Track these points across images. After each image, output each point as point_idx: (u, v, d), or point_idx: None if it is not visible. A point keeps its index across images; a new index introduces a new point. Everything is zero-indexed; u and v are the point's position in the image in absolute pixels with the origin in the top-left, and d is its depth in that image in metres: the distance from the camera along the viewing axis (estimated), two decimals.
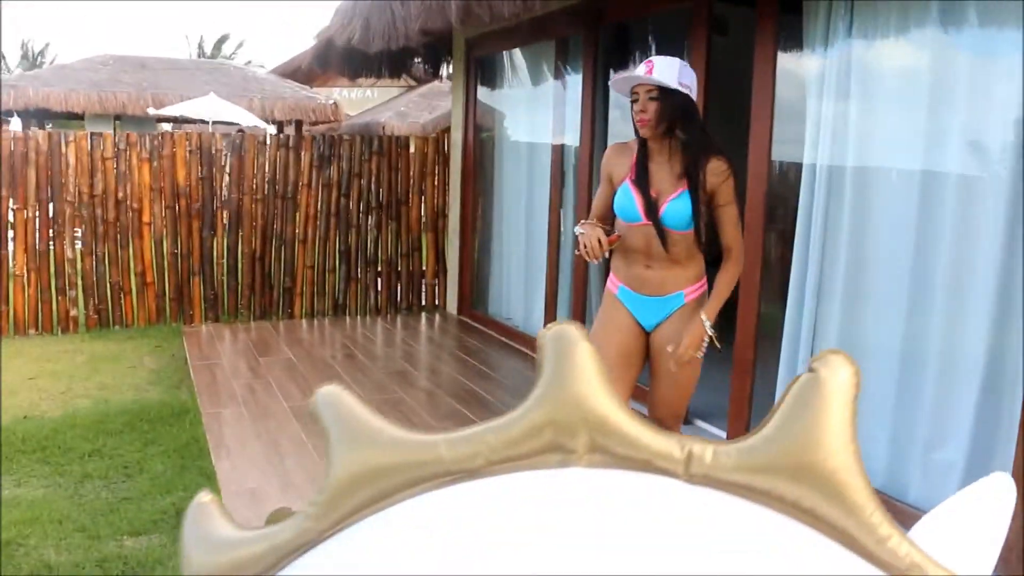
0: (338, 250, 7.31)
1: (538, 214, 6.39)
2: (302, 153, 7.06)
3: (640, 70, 2.96)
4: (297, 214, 7.12)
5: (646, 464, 0.54)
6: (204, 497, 0.74)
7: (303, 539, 0.64)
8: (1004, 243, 3.18)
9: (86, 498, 3.92)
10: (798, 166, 4.06)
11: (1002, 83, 3.23)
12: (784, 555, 0.52)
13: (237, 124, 13.98)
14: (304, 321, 7.26)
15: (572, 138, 5.79)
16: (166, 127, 17.67)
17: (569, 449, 0.57)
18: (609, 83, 3.28)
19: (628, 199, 3.04)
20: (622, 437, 0.55)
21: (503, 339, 6.72)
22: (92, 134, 6.70)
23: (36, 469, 4.24)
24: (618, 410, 0.55)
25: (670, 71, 2.93)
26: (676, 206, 2.98)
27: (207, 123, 13.90)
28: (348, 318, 7.40)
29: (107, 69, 15.01)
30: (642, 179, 3.02)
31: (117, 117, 15.26)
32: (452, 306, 7.57)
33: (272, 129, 16.07)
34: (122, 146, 6.69)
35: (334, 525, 0.64)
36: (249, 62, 27.65)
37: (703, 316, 2.99)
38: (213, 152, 6.87)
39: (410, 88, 21.78)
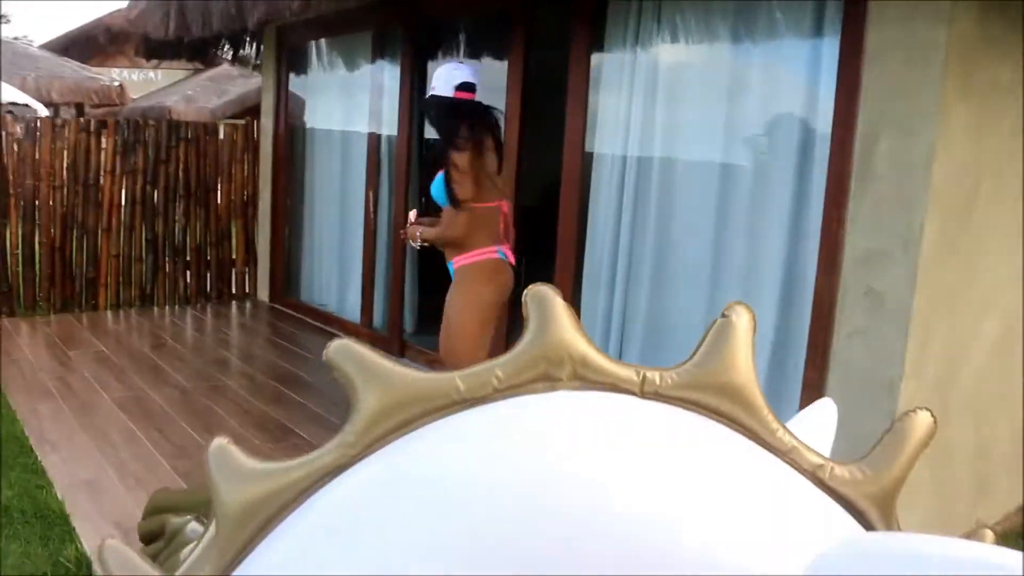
0: (144, 239, 7.12)
1: (353, 202, 6.53)
2: (104, 138, 6.82)
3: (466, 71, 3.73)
4: (100, 202, 6.86)
5: (613, 386, 0.84)
6: (223, 440, 0.94)
7: (339, 462, 0.88)
8: (788, 226, 3.76)
9: None
10: (609, 156, 4.50)
11: (783, 83, 3.80)
12: (708, 445, 0.82)
13: (14, 104, 12.98)
14: (110, 312, 7.03)
15: (389, 128, 5.99)
16: None
17: (556, 377, 0.85)
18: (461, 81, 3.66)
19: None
20: (595, 367, 0.84)
21: (318, 324, 6.83)
22: None
23: None
24: (590, 348, 0.83)
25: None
26: (436, 184, 3.67)
27: None
28: (157, 308, 7.23)
29: None
30: None
31: None
32: (264, 294, 7.57)
33: (44, 112, 15.02)
34: None
35: (366, 449, 0.88)
36: (17, 38, 25.45)
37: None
38: (4, 135, 6.50)
39: (197, 71, 20.89)
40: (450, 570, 0.76)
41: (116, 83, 15.29)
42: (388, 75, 6.01)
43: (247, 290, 7.64)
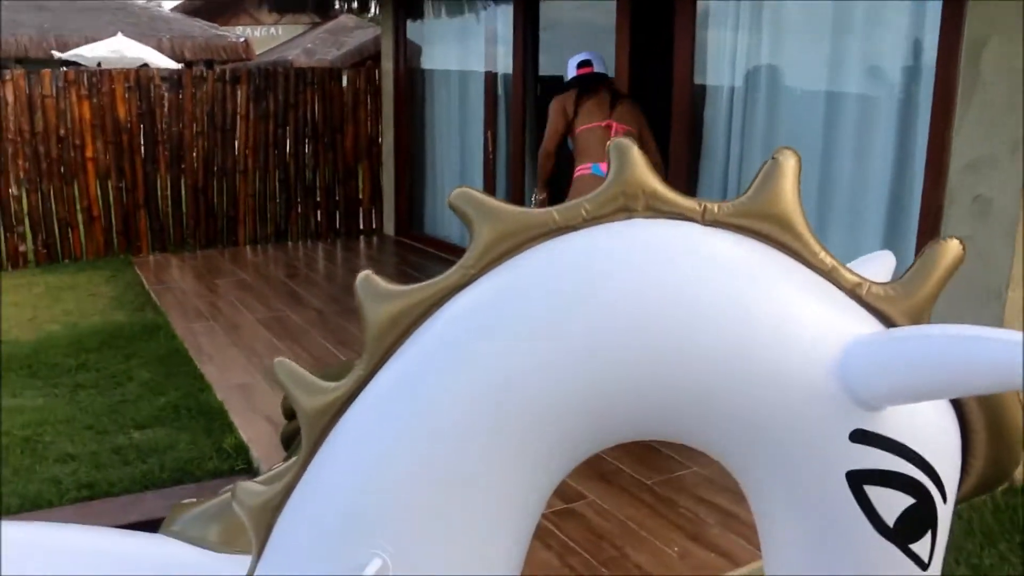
0: (278, 179, 7.61)
1: (472, 138, 6.82)
2: (239, 87, 7.30)
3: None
4: (236, 145, 7.37)
5: (679, 215, 1.04)
6: (368, 272, 1.18)
7: (461, 282, 1.10)
8: (895, 138, 3.84)
9: (83, 403, 4.28)
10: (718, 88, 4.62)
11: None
12: (759, 258, 1.01)
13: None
14: (248, 248, 7.57)
15: (504, 67, 6.22)
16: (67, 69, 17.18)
17: (632, 209, 1.06)
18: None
19: None
20: (664, 200, 1.04)
21: (442, 254, 7.18)
22: (29, 72, 6.80)
23: (28, 383, 4.57)
24: (660, 184, 1.04)
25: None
26: None
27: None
28: (290, 243, 7.74)
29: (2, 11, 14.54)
30: None
31: (18, 61, 14.85)
32: (390, 228, 7.98)
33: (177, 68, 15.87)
34: (60, 84, 6.82)
35: (481, 270, 1.10)
36: (148, 2, 26.72)
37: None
38: (152, 88, 7.05)
39: (315, 25, 21.55)
40: (553, 354, 0.99)
41: (242, 39, 16.02)
42: (501, 17, 6.23)
43: (374, 225, 8.07)
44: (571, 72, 4.55)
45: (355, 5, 9.59)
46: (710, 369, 0.95)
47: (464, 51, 6.87)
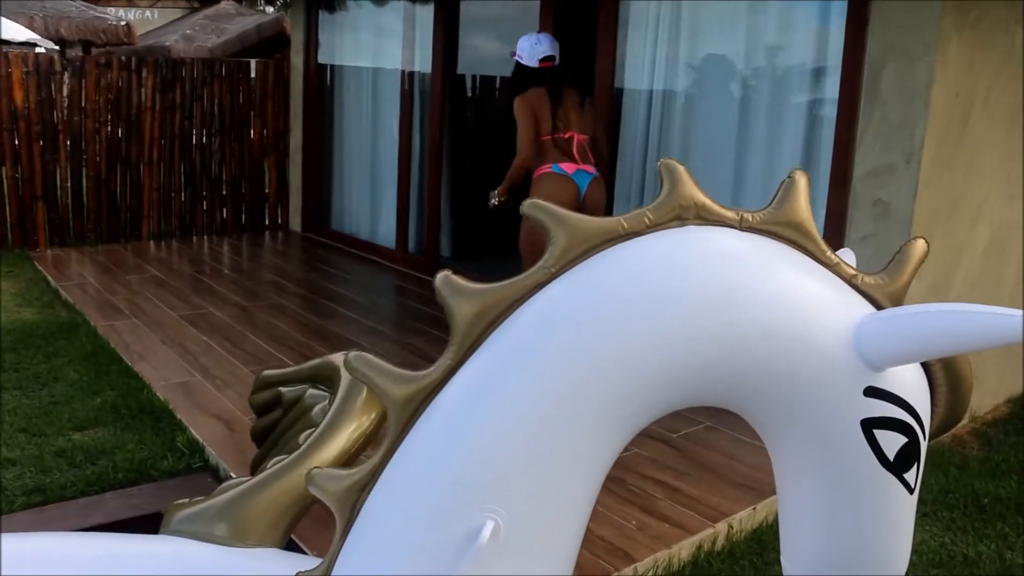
0: (183, 172, 7.51)
1: (383, 135, 6.94)
2: (144, 76, 7.16)
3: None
4: (142, 136, 7.23)
5: (721, 222, 1.27)
6: (448, 272, 1.37)
7: (541, 280, 1.31)
8: (802, 147, 4.21)
9: (9, 405, 4.19)
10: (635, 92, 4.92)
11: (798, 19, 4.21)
12: (784, 255, 1.25)
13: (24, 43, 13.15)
14: (152, 243, 7.44)
15: (422, 65, 6.36)
16: None
17: (685, 218, 1.28)
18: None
19: None
20: (710, 211, 1.28)
21: (351, 250, 7.28)
22: None
23: None
24: (706, 198, 1.27)
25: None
26: None
27: None
28: (195, 238, 7.65)
29: None
30: None
31: None
32: (296, 224, 7.99)
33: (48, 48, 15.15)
34: None
35: (559, 271, 1.31)
36: None
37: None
38: (52, 74, 6.84)
39: (194, 10, 20.90)
40: (625, 339, 1.19)
41: (123, 23, 15.45)
42: (419, 14, 6.36)
43: (279, 221, 8.06)
44: (528, 58, 4.47)
45: None
46: (753, 345, 1.19)
47: (378, 47, 6.97)
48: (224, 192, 7.74)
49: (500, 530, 1.18)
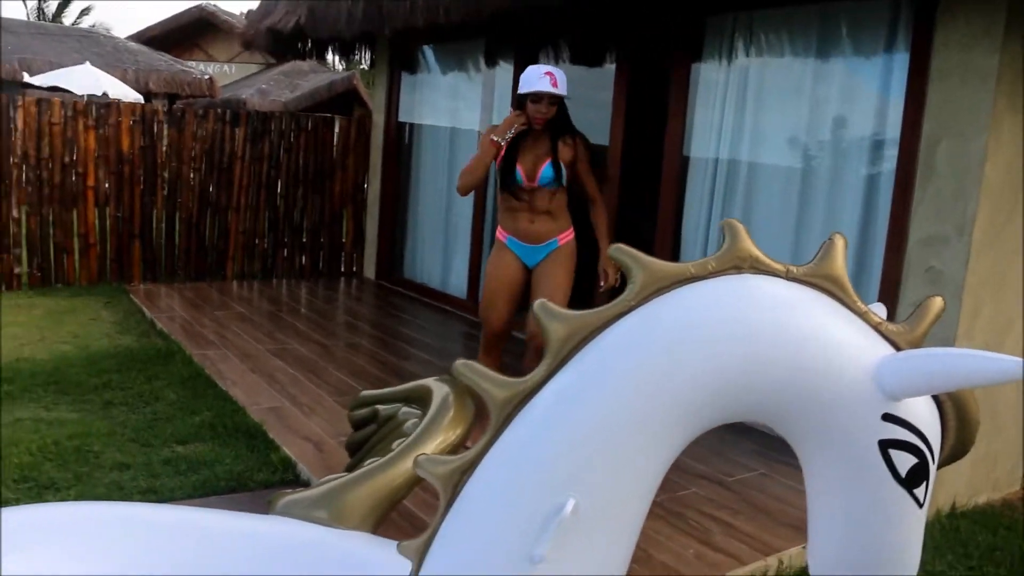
0: (267, 218, 8.01)
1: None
2: (237, 128, 7.71)
3: (546, 81, 4.02)
4: (231, 184, 7.76)
5: (771, 272, 1.58)
6: (543, 300, 1.69)
7: (622, 311, 1.63)
8: (860, 217, 4.49)
9: (118, 419, 4.60)
10: (703, 160, 5.26)
11: (859, 95, 4.53)
12: (823, 304, 1.55)
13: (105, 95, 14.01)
14: (235, 282, 7.91)
15: None
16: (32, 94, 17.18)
17: (741, 267, 1.59)
18: (530, 89, 4.03)
19: (515, 169, 4.13)
20: (762, 263, 1.59)
21: (422, 298, 7.66)
22: (40, 100, 7.11)
23: (58, 398, 4.86)
24: (760, 252, 1.58)
25: (563, 83, 4.08)
26: (546, 171, 4.12)
27: (71, 92, 13.83)
28: (275, 280, 8.11)
29: None
30: (516, 155, 4.14)
31: None
32: (370, 272, 8.42)
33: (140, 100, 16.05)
34: (69, 113, 7.14)
35: (638, 304, 1.62)
36: (94, 25, 26.69)
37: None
38: (155, 123, 7.41)
39: (269, 66, 21.86)
40: (689, 363, 1.46)
41: (207, 76, 16.34)
42: (499, 78, 6.81)
43: (354, 268, 8.50)
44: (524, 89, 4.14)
45: (345, 55, 10.02)
46: (790, 374, 1.47)
47: (455, 107, 7.42)
48: (304, 239, 8.21)
49: (579, 509, 1.46)
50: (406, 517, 3.41)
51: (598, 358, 1.53)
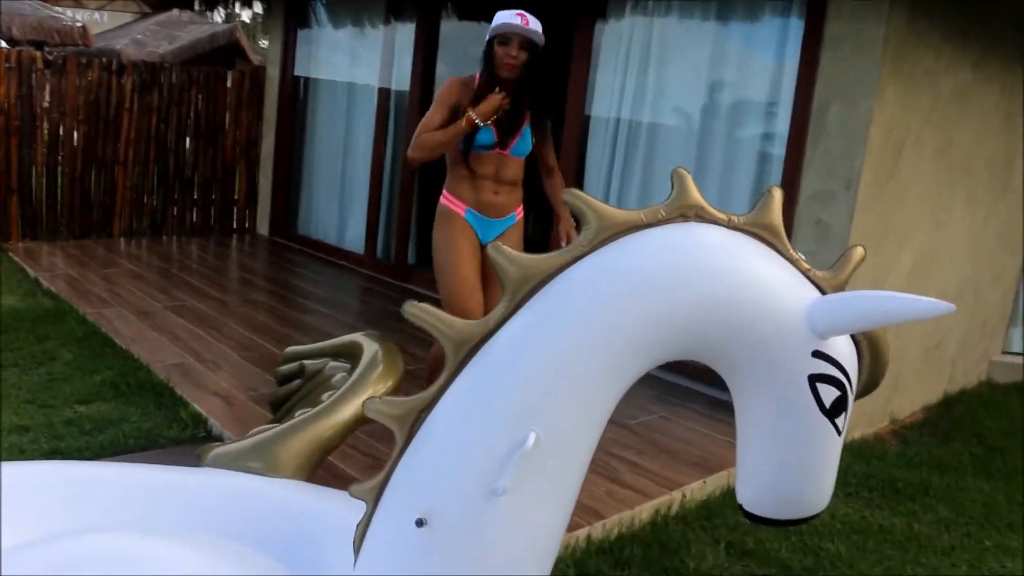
0: (157, 173, 7.74)
1: (356, 147, 7.29)
2: (124, 79, 7.40)
3: (516, 20, 3.41)
4: (118, 137, 7.45)
5: (715, 221, 1.70)
6: (499, 244, 1.78)
7: (577, 255, 1.73)
8: (755, 171, 4.71)
9: (10, 381, 4.41)
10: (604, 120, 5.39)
11: (756, 60, 4.73)
12: (760, 250, 1.68)
13: None
14: (123, 240, 7.64)
15: (399, 83, 6.75)
16: None
17: (688, 216, 1.71)
18: (498, 25, 3.44)
19: (485, 130, 3.49)
20: (707, 212, 1.71)
21: (318, 254, 7.60)
22: None
23: None
24: (704, 202, 1.69)
25: (537, 27, 3.45)
26: (523, 137, 3.60)
27: None
28: (165, 237, 7.87)
29: None
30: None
31: None
32: (263, 228, 8.26)
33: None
34: None
35: (591, 248, 1.72)
36: None
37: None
38: (33, 71, 7.04)
39: (144, 15, 20.83)
40: (639, 302, 1.56)
41: (79, 24, 15.46)
42: (399, 33, 6.76)
43: (247, 224, 8.32)
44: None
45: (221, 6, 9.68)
46: (732, 313, 1.58)
47: (354, 64, 7.33)
48: (195, 195, 7.98)
49: (540, 441, 1.55)
50: (326, 467, 3.45)
51: (555, 300, 1.60)
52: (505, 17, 3.45)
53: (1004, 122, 5.26)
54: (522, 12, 3.45)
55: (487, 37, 3.51)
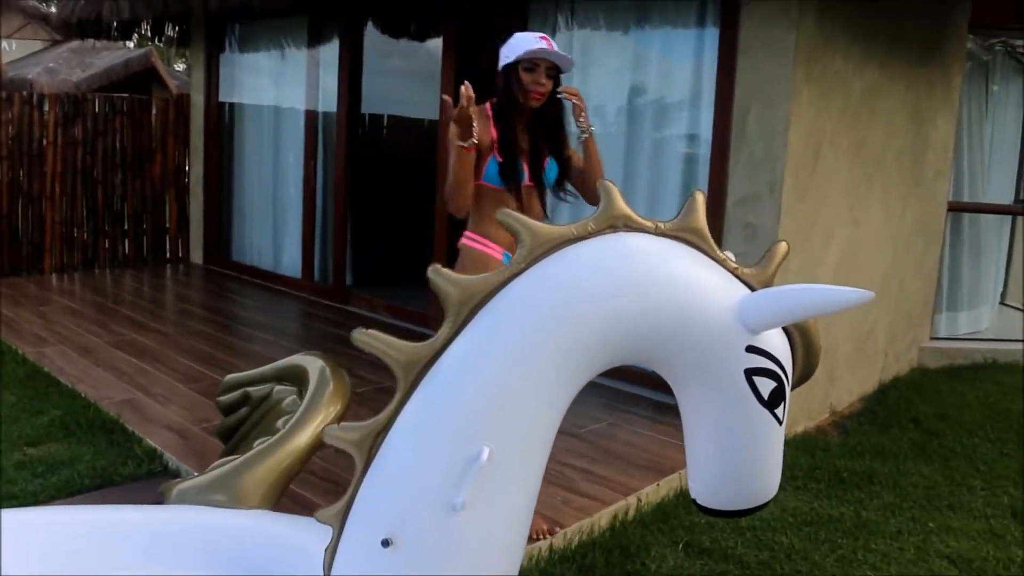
0: (86, 206, 7.64)
1: (286, 171, 7.31)
2: (46, 111, 7.29)
3: (543, 44, 3.09)
4: (44, 171, 7.34)
5: (642, 229, 1.83)
6: (437, 266, 1.87)
7: (515, 272, 1.83)
8: (681, 179, 4.88)
9: None
10: None
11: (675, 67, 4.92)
12: (687, 252, 1.81)
13: None
14: (54, 276, 7.52)
15: (327, 104, 6.80)
16: None
17: (617, 226, 1.83)
18: (525, 51, 3.09)
19: (518, 165, 3.16)
20: (634, 221, 1.83)
21: (255, 280, 7.58)
22: None
23: None
24: (632, 212, 1.82)
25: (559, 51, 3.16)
26: (551, 168, 3.28)
27: None
28: (98, 271, 7.77)
29: None
30: (514, 144, 3.17)
31: None
32: (197, 256, 8.21)
33: None
34: None
35: (527, 265, 1.83)
36: None
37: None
38: None
39: (56, 43, 20.33)
40: (578, 313, 1.64)
41: None
42: (323, 55, 6.80)
43: (180, 254, 8.25)
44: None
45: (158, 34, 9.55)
46: (666, 316, 1.68)
47: (280, 86, 7.34)
48: (126, 226, 7.90)
49: (493, 454, 1.62)
50: (287, 494, 3.49)
51: (496, 317, 1.67)
52: (529, 42, 3.10)
53: (911, 118, 5.55)
54: (544, 35, 3.14)
55: (505, 62, 3.15)
